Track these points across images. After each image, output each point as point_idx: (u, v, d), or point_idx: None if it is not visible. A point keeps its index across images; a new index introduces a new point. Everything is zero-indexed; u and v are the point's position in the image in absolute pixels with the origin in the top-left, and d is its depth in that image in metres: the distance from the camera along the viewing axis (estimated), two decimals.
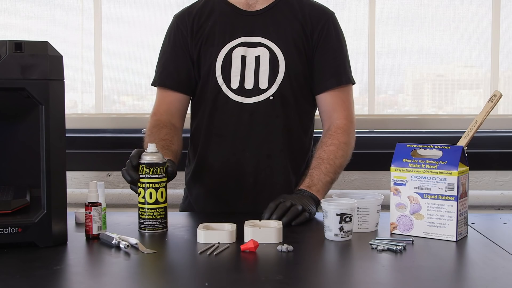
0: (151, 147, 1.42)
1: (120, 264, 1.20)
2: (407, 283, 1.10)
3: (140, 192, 1.42)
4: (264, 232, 1.31)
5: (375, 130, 2.39)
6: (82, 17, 2.39)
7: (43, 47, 1.29)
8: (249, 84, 1.70)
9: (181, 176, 2.28)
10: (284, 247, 1.25)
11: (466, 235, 1.40)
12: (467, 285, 1.11)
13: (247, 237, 1.30)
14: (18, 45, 1.27)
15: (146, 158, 1.41)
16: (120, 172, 1.43)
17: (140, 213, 1.42)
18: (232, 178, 1.71)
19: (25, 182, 1.42)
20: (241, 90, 1.70)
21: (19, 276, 1.11)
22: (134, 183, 1.42)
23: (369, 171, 2.28)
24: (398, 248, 1.25)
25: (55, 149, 1.29)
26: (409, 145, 1.42)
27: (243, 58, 1.70)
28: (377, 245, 1.27)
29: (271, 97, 1.70)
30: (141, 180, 1.41)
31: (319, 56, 1.73)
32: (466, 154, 1.40)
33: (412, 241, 1.34)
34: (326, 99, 1.75)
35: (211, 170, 1.73)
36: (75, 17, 2.39)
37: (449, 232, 1.35)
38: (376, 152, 2.28)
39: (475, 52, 2.39)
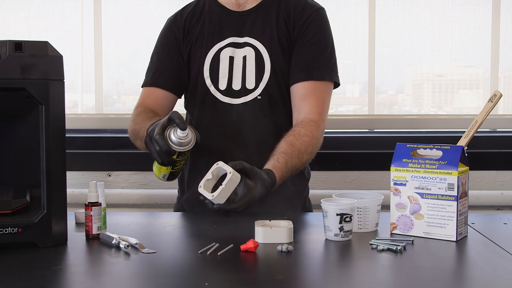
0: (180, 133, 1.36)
1: (120, 264, 1.20)
2: (407, 283, 1.10)
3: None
4: (275, 232, 1.31)
5: (375, 130, 2.39)
6: (82, 17, 2.39)
7: (43, 47, 1.29)
8: (236, 85, 1.70)
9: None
10: (284, 247, 1.25)
11: (466, 235, 1.40)
12: (467, 285, 1.11)
13: (257, 237, 1.31)
14: (18, 45, 1.27)
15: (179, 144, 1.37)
16: (120, 172, 1.43)
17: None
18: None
19: (25, 182, 1.42)
20: (229, 91, 1.70)
21: (19, 276, 1.11)
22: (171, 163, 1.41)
23: (369, 171, 2.28)
24: (398, 248, 1.25)
25: (55, 149, 1.29)
26: (409, 145, 1.42)
27: (231, 59, 1.70)
28: (377, 245, 1.27)
29: (259, 97, 1.69)
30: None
31: (295, 49, 1.70)
32: (466, 154, 1.40)
33: (412, 241, 1.34)
34: (297, 91, 1.68)
35: (201, 172, 1.70)
36: (75, 17, 2.39)
37: (449, 232, 1.35)
38: (376, 152, 2.28)
39: (475, 52, 2.39)
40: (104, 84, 2.40)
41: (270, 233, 1.31)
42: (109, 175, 2.29)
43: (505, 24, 2.35)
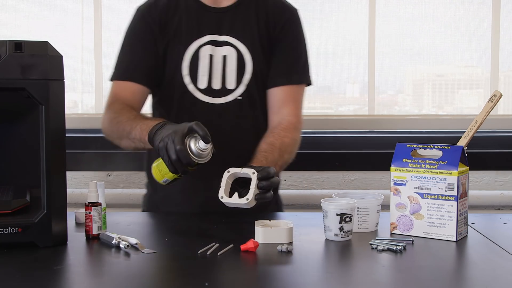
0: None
1: (120, 264, 1.20)
2: (407, 283, 1.10)
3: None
4: (275, 232, 1.31)
5: (375, 130, 2.39)
6: (82, 17, 2.39)
7: (43, 47, 1.29)
8: (216, 85, 1.68)
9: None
10: (284, 247, 1.25)
11: (466, 235, 1.40)
12: (467, 285, 1.11)
13: (257, 237, 1.31)
14: (18, 45, 1.27)
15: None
16: (120, 172, 1.42)
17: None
18: (202, 180, 1.65)
19: (25, 182, 1.42)
20: (209, 91, 1.68)
21: (19, 276, 1.11)
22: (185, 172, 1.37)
23: (369, 171, 2.28)
24: (398, 248, 1.25)
25: (55, 149, 1.29)
26: (409, 145, 1.42)
27: (211, 58, 1.68)
28: (377, 245, 1.27)
29: (239, 98, 1.69)
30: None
31: (275, 52, 1.71)
32: (466, 154, 1.40)
33: (412, 241, 1.34)
34: (276, 94, 1.71)
35: None
36: (75, 17, 2.39)
37: (449, 232, 1.35)
38: (376, 152, 2.28)
39: (475, 52, 2.39)
40: (104, 84, 2.40)
41: (270, 233, 1.31)
42: (109, 175, 2.29)
43: (505, 24, 2.35)
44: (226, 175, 1.37)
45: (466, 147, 1.42)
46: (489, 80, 2.37)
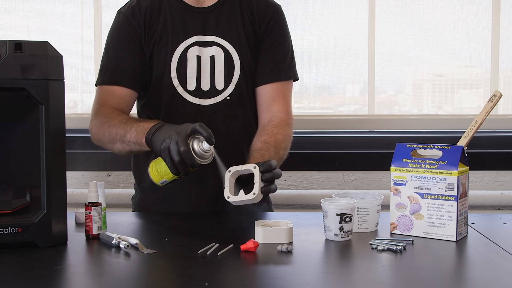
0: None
1: (120, 264, 1.20)
2: (407, 283, 1.10)
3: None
4: (275, 232, 1.31)
5: (375, 130, 2.39)
6: (82, 17, 2.39)
7: (43, 47, 1.29)
8: (205, 86, 1.68)
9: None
10: (284, 247, 1.25)
11: (466, 235, 1.40)
12: (467, 285, 1.11)
13: (257, 237, 1.31)
14: (18, 45, 1.27)
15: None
16: (120, 172, 1.42)
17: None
18: (194, 181, 1.65)
19: (25, 182, 1.42)
20: (198, 92, 1.67)
21: (19, 276, 1.11)
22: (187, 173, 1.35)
23: (369, 171, 2.28)
24: (398, 248, 1.25)
25: (55, 149, 1.29)
26: (409, 145, 1.42)
27: (198, 58, 1.67)
28: (377, 245, 1.27)
29: (228, 98, 1.69)
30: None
31: (262, 50, 1.72)
32: (466, 154, 1.40)
33: (412, 241, 1.34)
34: (265, 92, 1.72)
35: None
36: (75, 17, 2.39)
37: (449, 232, 1.35)
38: (376, 152, 2.29)
39: (475, 52, 2.39)
40: None
41: (270, 233, 1.31)
42: (109, 175, 2.29)
43: (505, 24, 2.35)
44: (228, 174, 1.36)
45: (466, 147, 1.42)
46: (489, 80, 2.38)
